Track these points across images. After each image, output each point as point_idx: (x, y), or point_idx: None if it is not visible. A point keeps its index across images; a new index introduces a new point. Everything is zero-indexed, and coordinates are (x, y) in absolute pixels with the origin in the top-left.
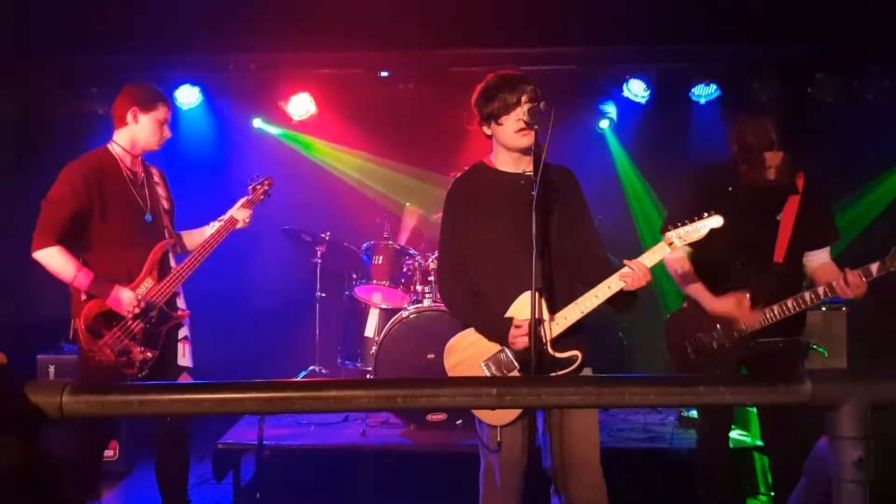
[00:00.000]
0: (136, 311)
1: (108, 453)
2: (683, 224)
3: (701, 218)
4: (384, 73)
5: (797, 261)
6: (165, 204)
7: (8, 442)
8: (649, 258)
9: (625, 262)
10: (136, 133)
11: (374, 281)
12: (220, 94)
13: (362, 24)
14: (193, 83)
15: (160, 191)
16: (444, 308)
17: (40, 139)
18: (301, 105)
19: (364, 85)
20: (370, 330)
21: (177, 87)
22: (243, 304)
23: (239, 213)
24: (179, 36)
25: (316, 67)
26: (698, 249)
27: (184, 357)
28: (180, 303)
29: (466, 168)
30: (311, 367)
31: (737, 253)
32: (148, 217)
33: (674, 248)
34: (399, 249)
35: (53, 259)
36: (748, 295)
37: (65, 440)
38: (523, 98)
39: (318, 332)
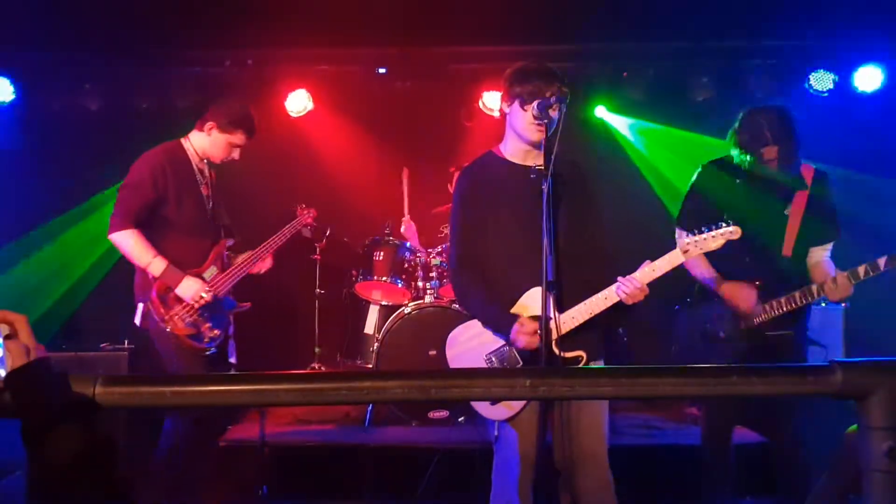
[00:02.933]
0: (203, 301)
1: None
2: (700, 232)
3: (718, 227)
4: (382, 70)
5: (804, 254)
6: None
7: (62, 430)
8: (662, 265)
9: (618, 279)
10: (206, 144)
11: (375, 277)
12: (217, 90)
13: (360, 20)
14: (190, 78)
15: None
16: (445, 304)
17: None
18: (299, 101)
19: (362, 81)
20: (370, 327)
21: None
22: (242, 300)
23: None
24: (177, 30)
25: (314, 64)
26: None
27: (231, 354)
28: None
29: (467, 162)
30: (310, 365)
31: (746, 246)
32: (210, 214)
33: (689, 255)
34: (400, 245)
35: (129, 242)
36: (756, 288)
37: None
38: (553, 97)
39: (317, 329)
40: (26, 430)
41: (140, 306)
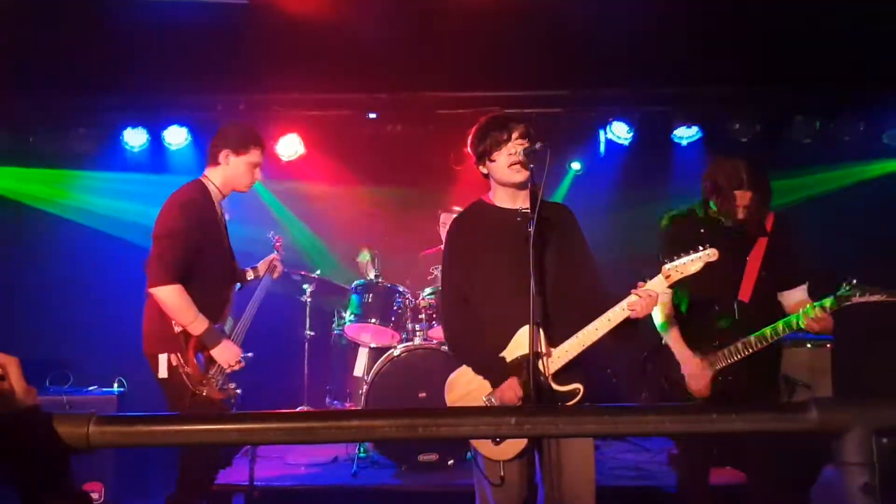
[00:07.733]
0: (236, 367)
1: (94, 496)
2: (679, 257)
3: (696, 250)
4: (372, 115)
5: (765, 300)
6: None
7: (40, 475)
8: (652, 286)
9: (632, 290)
10: (227, 174)
11: (364, 319)
12: (208, 134)
13: (351, 66)
14: (182, 124)
15: None
16: (434, 346)
17: None
18: (290, 145)
19: (352, 126)
20: (359, 369)
21: (165, 127)
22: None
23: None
24: (169, 76)
25: (305, 109)
26: (680, 291)
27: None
28: None
29: (456, 206)
30: (299, 408)
31: (714, 294)
32: (228, 257)
33: (670, 280)
34: (389, 287)
35: (173, 298)
36: (712, 368)
37: None
38: (514, 135)
39: (306, 371)
40: (14, 477)
41: (163, 358)
